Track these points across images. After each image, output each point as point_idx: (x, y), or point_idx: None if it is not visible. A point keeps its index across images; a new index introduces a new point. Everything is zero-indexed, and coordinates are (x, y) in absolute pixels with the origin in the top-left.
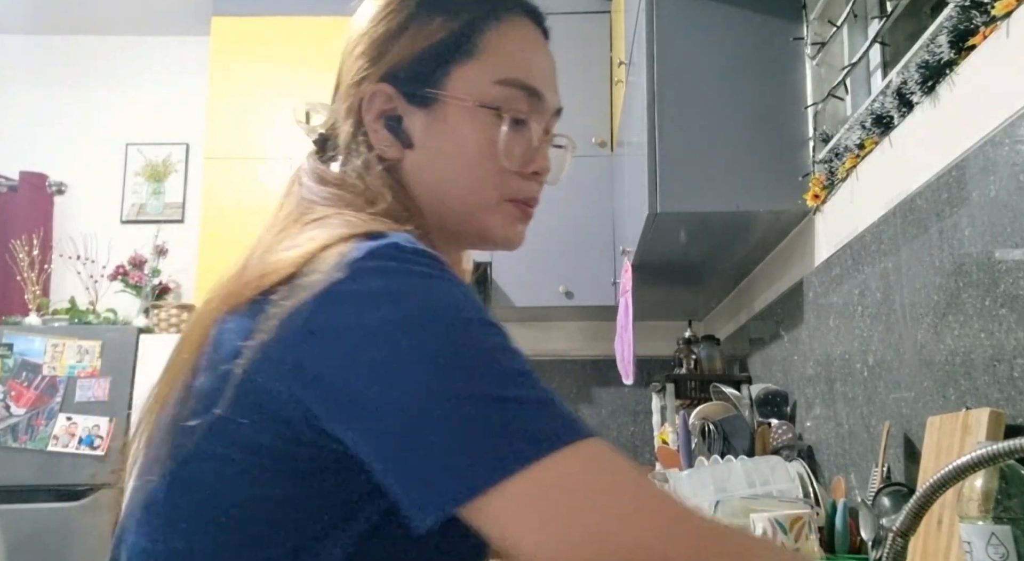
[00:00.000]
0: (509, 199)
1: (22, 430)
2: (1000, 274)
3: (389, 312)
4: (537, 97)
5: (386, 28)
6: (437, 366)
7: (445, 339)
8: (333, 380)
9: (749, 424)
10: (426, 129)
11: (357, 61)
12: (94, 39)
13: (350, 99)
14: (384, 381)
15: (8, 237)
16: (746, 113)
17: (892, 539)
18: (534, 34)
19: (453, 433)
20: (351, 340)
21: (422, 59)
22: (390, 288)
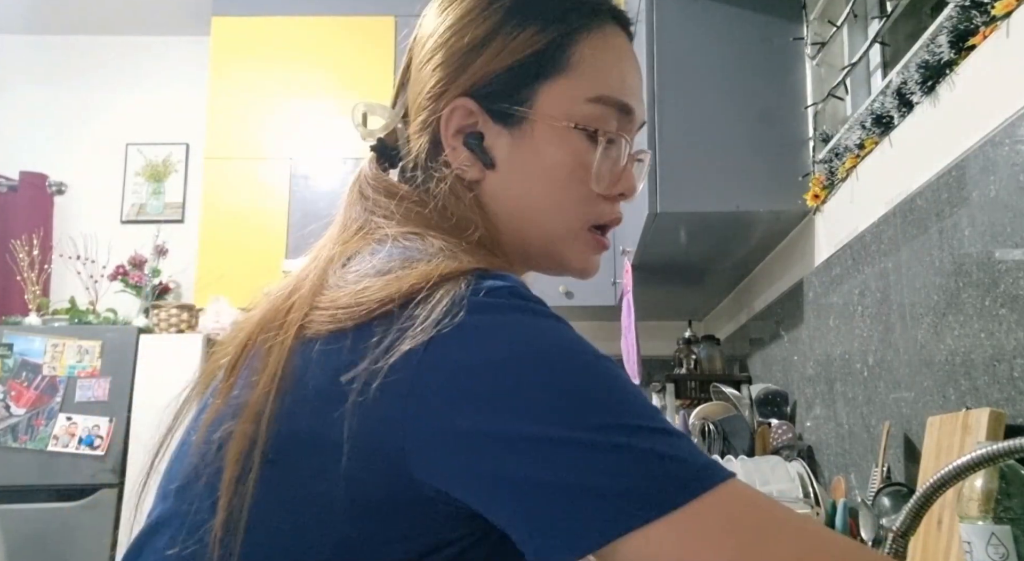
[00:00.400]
0: (593, 225)
1: (22, 430)
2: (1000, 274)
3: (517, 348)
4: (628, 113)
5: (469, 39)
6: (566, 402)
7: (576, 374)
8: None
9: (749, 424)
10: (512, 150)
11: (435, 73)
12: (94, 39)
13: (425, 113)
14: (511, 416)
15: (8, 237)
16: (746, 113)
17: (892, 539)
18: (624, 43)
19: (597, 473)
20: (472, 378)
21: (509, 74)
22: (515, 325)
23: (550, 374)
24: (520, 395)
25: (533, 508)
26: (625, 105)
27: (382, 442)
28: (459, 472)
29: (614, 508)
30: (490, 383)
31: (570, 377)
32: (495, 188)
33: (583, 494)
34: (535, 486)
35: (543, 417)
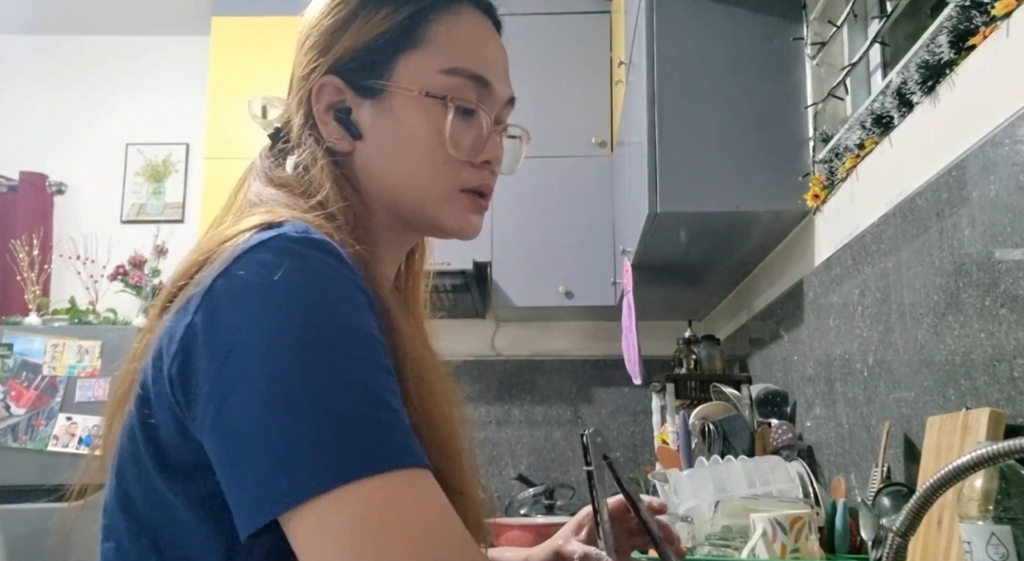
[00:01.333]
0: (462, 189)
1: (22, 430)
2: (1000, 274)
3: (260, 310)
4: (485, 86)
5: (334, 20)
6: (286, 370)
7: (304, 343)
8: (197, 375)
9: (749, 424)
10: (374, 120)
11: (307, 54)
12: (94, 39)
13: (300, 92)
14: (236, 380)
15: (8, 237)
16: (746, 113)
17: (892, 539)
18: (484, 25)
19: (283, 440)
20: (219, 337)
21: (369, 50)
22: (267, 284)
23: (280, 340)
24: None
25: (231, 470)
26: (480, 77)
27: (168, 399)
28: (201, 425)
29: (291, 478)
30: (225, 344)
31: (295, 344)
32: (364, 158)
33: (271, 461)
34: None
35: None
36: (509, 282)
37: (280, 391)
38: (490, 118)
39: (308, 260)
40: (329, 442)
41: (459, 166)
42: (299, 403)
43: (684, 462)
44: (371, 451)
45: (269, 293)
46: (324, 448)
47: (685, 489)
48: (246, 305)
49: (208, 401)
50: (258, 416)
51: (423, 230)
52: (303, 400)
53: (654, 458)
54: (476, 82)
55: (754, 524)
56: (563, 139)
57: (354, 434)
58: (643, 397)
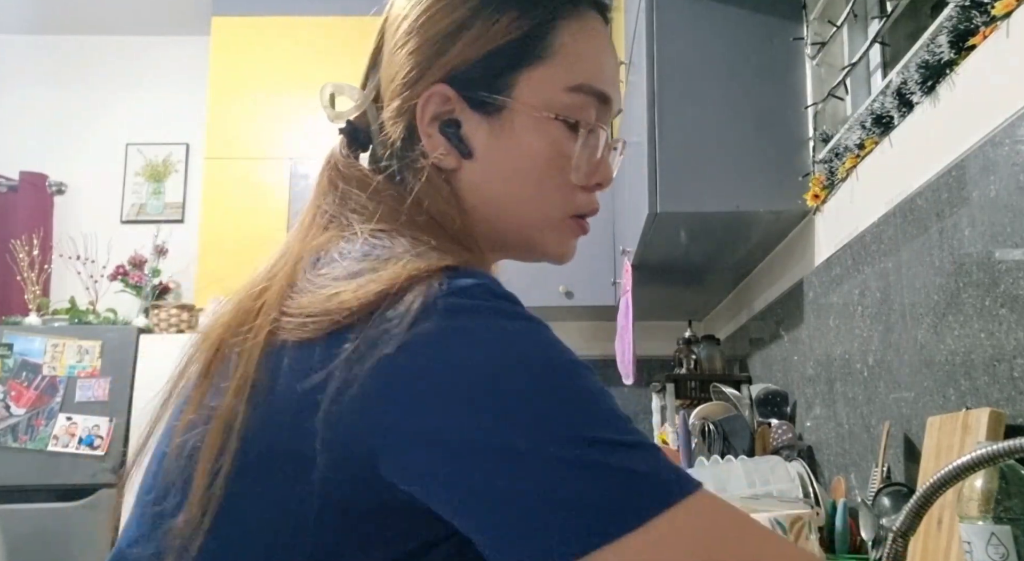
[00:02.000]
0: (572, 215)
1: (22, 430)
2: (1000, 274)
3: (491, 354)
4: (606, 103)
5: (446, 24)
6: (544, 414)
7: (551, 384)
8: (421, 429)
9: (749, 424)
10: (489, 138)
11: (410, 58)
12: (94, 39)
13: (400, 99)
14: (485, 427)
15: (8, 237)
16: (746, 113)
17: (892, 539)
18: (602, 28)
19: (567, 485)
20: (442, 384)
21: (487, 61)
22: (485, 330)
23: (523, 383)
24: (492, 403)
25: (500, 521)
26: (604, 94)
27: (354, 449)
28: (428, 478)
29: (582, 523)
30: (463, 390)
31: (543, 386)
32: (473, 178)
33: (550, 508)
34: (503, 498)
35: (515, 427)
36: (509, 282)
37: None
38: (609, 138)
39: (515, 307)
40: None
41: (574, 190)
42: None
43: (684, 462)
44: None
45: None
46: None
47: None
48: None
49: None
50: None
51: (518, 254)
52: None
53: None
54: (599, 99)
55: None
56: None
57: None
58: (643, 397)
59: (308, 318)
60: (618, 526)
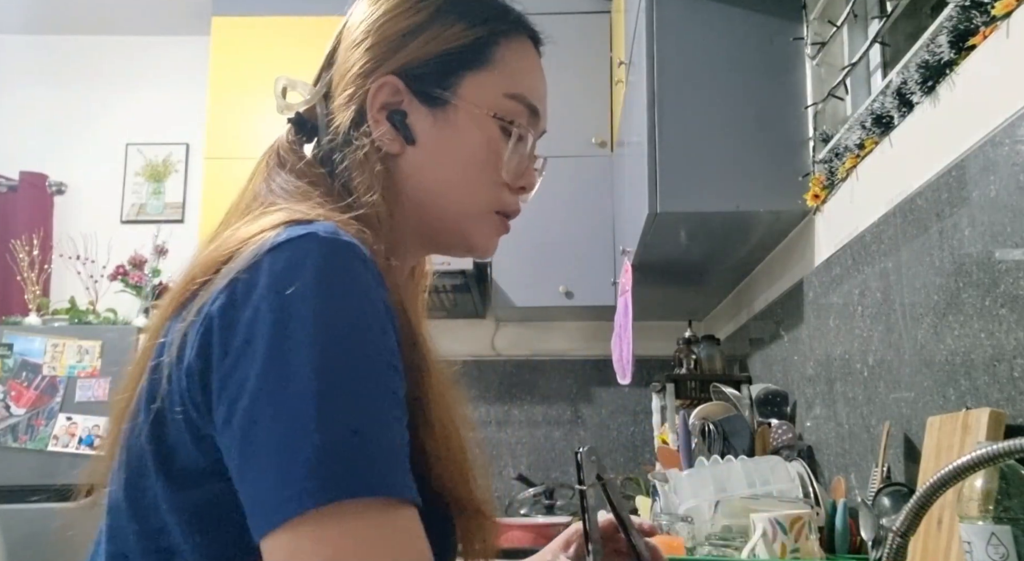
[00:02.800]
0: (496, 210)
1: (22, 430)
2: (1000, 274)
3: (281, 310)
4: (536, 116)
5: (403, 25)
6: (300, 376)
7: (323, 353)
8: (213, 371)
9: (749, 424)
10: (433, 129)
11: (366, 53)
12: (94, 39)
13: (352, 88)
14: (249, 379)
15: (8, 237)
16: (746, 113)
17: (892, 539)
18: (535, 56)
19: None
20: (238, 334)
21: (438, 60)
22: (292, 284)
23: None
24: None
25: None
26: (535, 108)
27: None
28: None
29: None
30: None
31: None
32: (412, 164)
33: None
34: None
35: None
36: (509, 282)
37: (287, 399)
38: (534, 147)
39: (335, 263)
40: (331, 457)
41: (501, 188)
42: (303, 416)
43: (684, 462)
44: (368, 473)
45: (292, 294)
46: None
47: (685, 489)
48: (267, 304)
49: (219, 398)
50: (262, 420)
51: (446, 244)
52: (307, 412)
53: (654, 458)
54: (530, 111)
55: (754, 524)
56: (563, 139)
57: (355, 454)
58: (643, 397)
59: (183, 285)
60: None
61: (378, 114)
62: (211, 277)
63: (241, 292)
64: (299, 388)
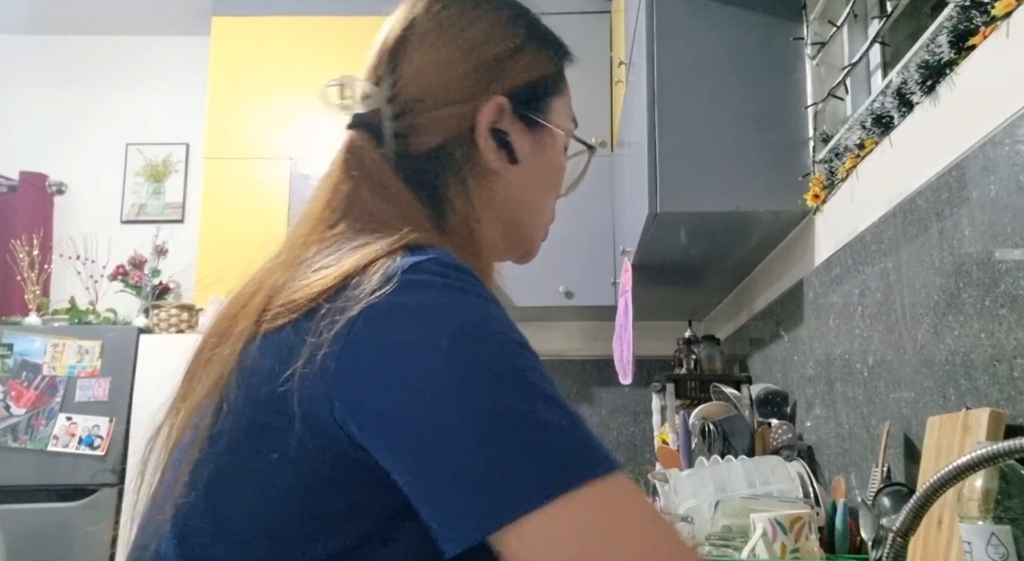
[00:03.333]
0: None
1: (22, 430)
2: (1000, 274)
3: (430, 329)
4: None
5: (502, 49)
6: (473, 387)
7: (483, 359)
8: (370, 395)
9: (749, 424)
10: (532, 149)
11: (472, 73)
12: (94, 39)
13: (453, 107)
14: (418, 399)
15: (8, 237)
16: (746, 113)
17: (892, 539)
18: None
19: (486, 458)
20: (391, 356)
21: (536, 85)
22: (432, 304)
23: (458, 357)
24: (424, 377)
25: (429, 490)
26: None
27: (321, 415)
28: (385, 446)
29: (501, 495)
30: (408, 360)
31: (474, 360)
32: (510, 183)
33: (474, 479)
34: (432, 471)
35: (441, 400)
36: (509, 282)
37: (477, 404)
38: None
39: (464, 282)
40: (542, 450)
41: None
42: (501, 413)
43: (684, 462)
44: (579, 460)
45: (434, 316)
46: (540, 457)
47: (685, 489)
48: (418, 325)
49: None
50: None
51: (512, 252)
52: (504, 410)
53: (654, 458)
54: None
55: (754, 524)
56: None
57: (565, 442)
58: (643, 397)
59: (281, 307)
60: (527, 502)
61: (487, 133)
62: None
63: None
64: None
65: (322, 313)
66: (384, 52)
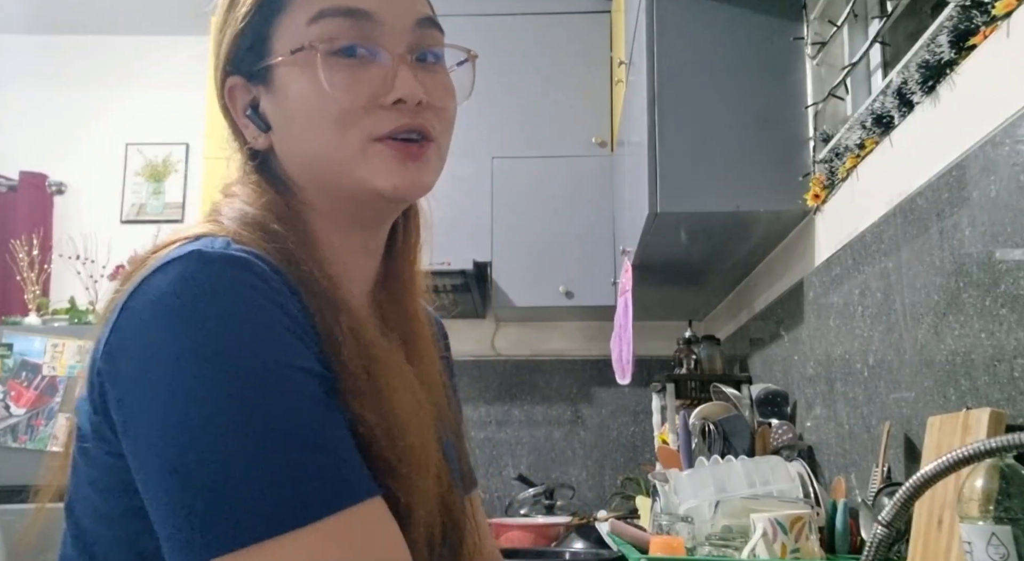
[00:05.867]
0: (375, 139)
1: (22, 430)
2: (1000, 274)
3: (172, 337)
4: (366, 18)
5: (218, 19)
6: (195, 410)
7: (209, 381)
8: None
9: (749, 424)
10: (272, 103)
11: (213, 70)
12: (94, 39)
13: (224, 108)
14: (144, 415)
15: (8, 237)
16: (746, 113)
17: (876, 529)
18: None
19: (215, 485)
20: (135, 362)
21: (245, 34)
22: (178, 306)
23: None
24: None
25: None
26: (351, 10)
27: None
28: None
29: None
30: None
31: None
32: (280, 148)
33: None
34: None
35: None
36: (509, 282)
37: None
38: (386, 51)
39: (217, 280)
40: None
41: (363, 115)
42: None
43: (684, 462)
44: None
45: (175, 320)
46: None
47: (685, 489)
48: (149, 332)
49: (124, 434)
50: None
51: (359, 202)
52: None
53: (654, 458)
54: (350, 17)
55: (754, 524)
56: (563, 139)
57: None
58: (643, 397)
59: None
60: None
61: (243, 117)
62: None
63: (127, 320)
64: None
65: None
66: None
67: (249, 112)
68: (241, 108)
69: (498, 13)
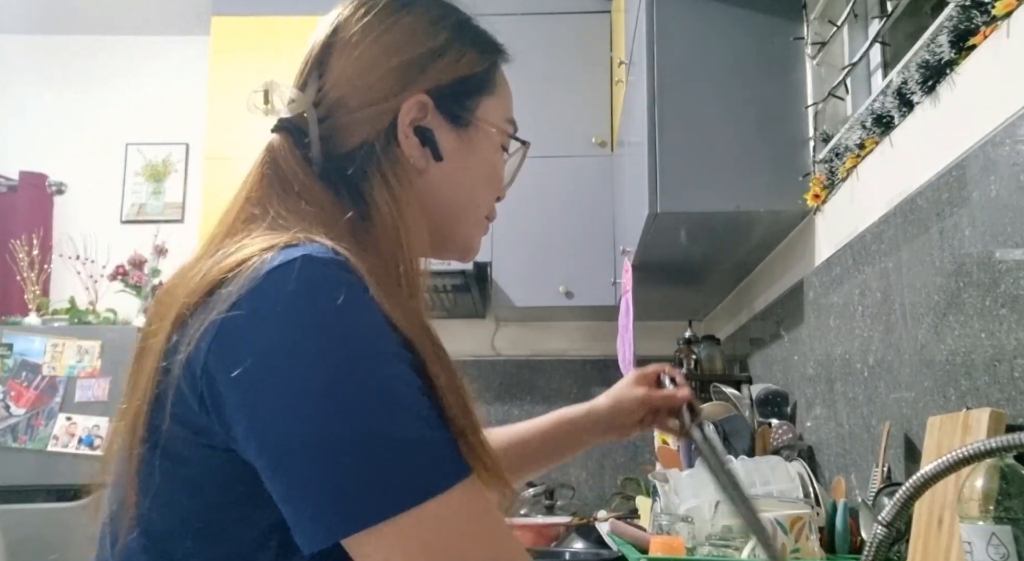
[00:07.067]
0: (487, 217)
1: (22, 430)
2: (1000, 274)
3: (289, 335)
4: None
5: (427, 48)
6: (329, 397)
7: (340, 369)
8: (233, 399)
9: (749, 424)
10: (457, 146)
11: (392, 72)
12: (94, 39)
13: (377, 107)
14: (276, 407)
15: (8, 237)
16: (746, 113)
17: (876, 529)
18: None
19: (340, 468)
20: (249, 361)
21: (462, 82)
22: (292, 307)
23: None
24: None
25: (288, 494)
26: (516, 130)
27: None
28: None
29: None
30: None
31: (331, 370)
32: (434, 179)
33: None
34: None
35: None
36: (509, 282)
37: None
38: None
39: (329, 282)
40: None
41: (492, 198)
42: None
43: (684, 462)
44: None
45: (293, 318)
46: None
47: (685, 489)
48: (270, 331)
49: (249, 429)
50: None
51: (446, 250)
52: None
53: (654, 458)
54: (514, 132)
55: None
56: (563, 139)
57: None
58: None
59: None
60: (375, 514)
61: (408, 130)
62: (207, 298)
63: (242, 320)
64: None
65: (196, 312)
66: (310, 58)
67: (418, 132)
68: (410, 120)
69: (498, 13)
